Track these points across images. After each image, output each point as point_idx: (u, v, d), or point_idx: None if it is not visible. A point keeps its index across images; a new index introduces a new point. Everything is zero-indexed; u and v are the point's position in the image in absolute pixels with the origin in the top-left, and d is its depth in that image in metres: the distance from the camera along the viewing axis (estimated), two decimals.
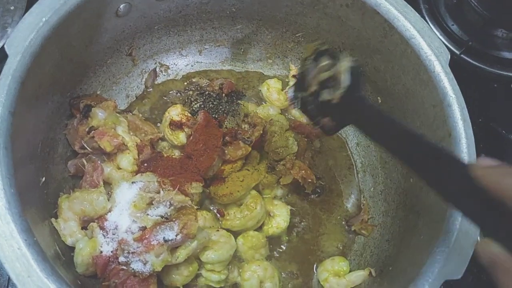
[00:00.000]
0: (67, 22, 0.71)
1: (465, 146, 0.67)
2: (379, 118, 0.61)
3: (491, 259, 0.37)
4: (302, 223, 0.84)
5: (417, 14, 0.76)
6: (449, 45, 1.09)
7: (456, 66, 0.75)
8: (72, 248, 0.72)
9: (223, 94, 0.88)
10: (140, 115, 0.88)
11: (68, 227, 0.72)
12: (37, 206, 0.70)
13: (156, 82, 0.93)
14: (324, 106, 0.66)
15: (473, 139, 0.68)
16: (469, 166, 0.42)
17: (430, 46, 0.73)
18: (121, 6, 0.79)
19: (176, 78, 0.94)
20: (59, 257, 0.68)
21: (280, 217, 0.81)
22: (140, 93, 0.92)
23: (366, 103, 0.63)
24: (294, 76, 0.92)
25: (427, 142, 0.53)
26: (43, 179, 0.74)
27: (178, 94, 0.92)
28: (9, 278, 0.79)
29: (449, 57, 0.73)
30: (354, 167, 0.91)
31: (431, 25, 1.10)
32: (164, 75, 0.94)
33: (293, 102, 0.73)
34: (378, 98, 0.87)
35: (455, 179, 0.44)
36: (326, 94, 0.66)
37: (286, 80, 0.94)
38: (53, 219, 0.72)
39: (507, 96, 1.08)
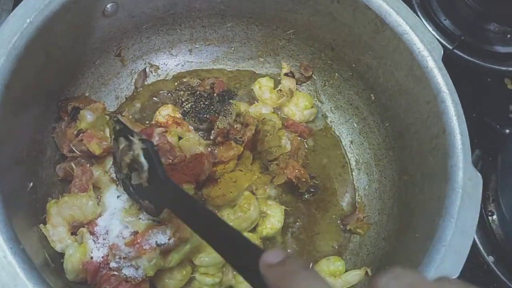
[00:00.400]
0: (52, 23, 0.69)
1: (459, 142, 0.66)
2: (185, 201, 0.59)
3: None
4: (297, 223, 0.83)
5: (409, 9, 0.75)
6: (441, 40, 1.08)
7: (449, 61, 0.74)
8: (61, 255, 0.70)
9: (215, 94, 0.87)
10: (130, 116, 0.86)
11: (57, 233, 0.70)
12: (25, 211, 0.69)
13: (146, 83, 0.91)
14: (139, 189, 0.65)
15: (467, 135, 0.67)
16: (259, 259, 0.40)
17: (423, 42, 0.72)
18: (108, 5, 0.77)
19: (166, 78, 0.93)
20: (48, 264, 0.66)
21: (274, 218, 0.80)
22: (130, 94, 0.90)
23: (170, 185, 0.61)
24: (286, 74, 0.91)
25: (227, 227, 0.52)
26: (31, 184, 0.72)
27: (169, 94, 0.91)
28: None
29: (442, 52, 0.72)
30: (349, 165, 0.90)
31: (423, 20, 1.09)
32: (154, 75, 0.92)
33: (117, 183, 0.73)
34: (371, 95, 0.86)
35: (250, 268, 0.41)
36: (135, 177, 0.65)
37: (278, 78, 0.93)
38: (41, 225, 0.71)
39: (500, 90, 1.07)
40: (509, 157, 0.88)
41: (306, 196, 0.86)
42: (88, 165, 0.76)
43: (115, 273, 0.68)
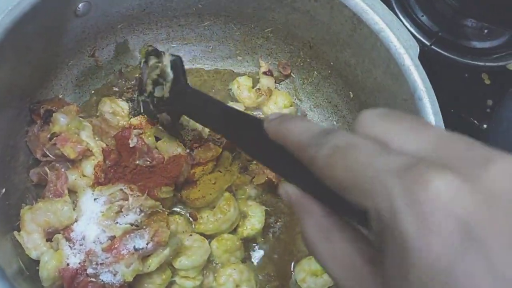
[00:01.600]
0: (21, 24, 0.67)
1: None
2: (200, 100, 0.67)
3: (290, 199, 0.38)
4: (278, 223, 0.83)
5: (386, 7, 0.74)
6: (419, 37, 1.09)
7: (426, 57, 0.75)
8: (37, 262, 0.68)
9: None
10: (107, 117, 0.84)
11: (31, 240, 0.68)
12: None
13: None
14: (159, 103, 0.73)
15: None
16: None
17: (399, 39, 0.72)
18: (80, 5, 0.75)
19: None
20: (22, 272, 0.64)
21: (254, 218, 0.79)
22: (105, 95, 0.88)
23: (190, 90, 0.70)
24: (264, 73, 0.90)
25: (239, 112, 0.59)
26: (3, 190, 0.70)
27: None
28: None
29: (419, 50, 0.72)
30: None
31: (400, 17, 1.10)
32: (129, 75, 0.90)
33: (135, 109, 0.81)
34: (350, 93, 0.85)
35: (257, 137, 0.44)
36: (158, 91, 0.73)
37: (257, 77, 0.92)
38: (15, 232, 0.69)
39: (478, 85, 1.09)
40: None
41: None
42: (63, 169, 0.74)
43: (93, 279, 0.66)
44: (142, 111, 0.79)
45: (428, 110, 0.68)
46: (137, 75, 0.87)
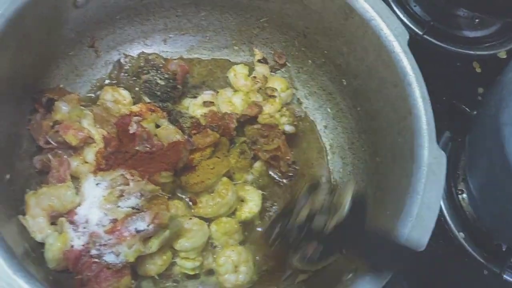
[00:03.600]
0: (23, 14, 0.69)
1: (425, 123, 0.69)
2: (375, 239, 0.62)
3: None
4: (274, 207, 0.85)
5: None
6: (412, 26, 1.11)
7: (419, 46, 0.77)
8: (42, 244, 0.71)
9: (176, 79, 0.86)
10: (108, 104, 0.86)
11: (36, 223, 0.71)
12: (3, 204, 0.69)
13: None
14: (313, 233, 0.63)
15: (432, 116, 0.70)
16: None
17: (389, 27, 0.74)
18: None
19: None
20: (28, 254, 0.67)
21: (252, 202, 0.82)
22: (106, 85, 0.90)
23: (367, 232, 0.62)
24: (259, 61, 0.92)
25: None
26: (8, 176, 0.73)
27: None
28: None
29: (408, 37, 0.75)
30: (324, 149, 0.93)
31: (393, 6, 1.12)
32: (129, 65, 0.92)
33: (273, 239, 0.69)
34: (343, 80, 0.88)
35: None
36: (318, 222, 0.63)
37: (252, 66, 0.94)
38: (20, 216, 0.71)
39: (469, 73, 1.11)
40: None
41: (284, 181, 0.88)
42: (65, 156, 0.77)
43: (96, 260, 0.69)
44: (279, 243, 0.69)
45: (416, 95, 0.71)
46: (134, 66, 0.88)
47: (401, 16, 1.12)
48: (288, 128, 0.87)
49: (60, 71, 0.85)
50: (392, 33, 0.74)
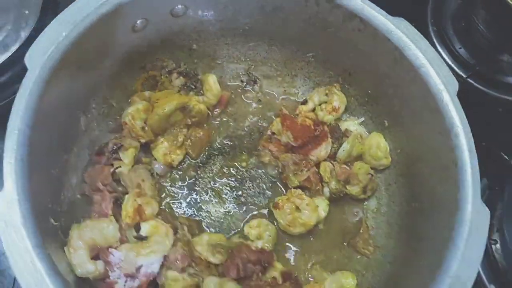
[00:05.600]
0: (86, 36, 0.72)
1: (470, 176, 0.69)
2: None
3: None
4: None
5: (428, 42, 0.77)
6: (456, 69, 1.10)
7: (462, 89, 0.76)
8: None
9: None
10: None
11: (77, 256, 0.70)
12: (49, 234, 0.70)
13: None
14: None
15: (478, 170, 0.70)
16: None
17: (439, 75, 0.74)
18: (138, 21, 0.80)
19: None
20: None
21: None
22: None
23: None
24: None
25: None
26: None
27: None
28: (14, 279, 0.80)
29: (458, 87, 0.74)
30: None
31: (439, 47, 1.11)
32: None
33: None
34: (385, 121, 0.88)
35: None
36: None
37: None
38: (65, 248, 0.71)
39: (510, 120, 1.09)
40: None
41: None
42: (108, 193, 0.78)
43: None
44: None
45: (463, 147, 0.70)
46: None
47: (445, 58, 1.11)
48: None
49: (111, 90, 0.87)
50: (442, 81, 0.74)
